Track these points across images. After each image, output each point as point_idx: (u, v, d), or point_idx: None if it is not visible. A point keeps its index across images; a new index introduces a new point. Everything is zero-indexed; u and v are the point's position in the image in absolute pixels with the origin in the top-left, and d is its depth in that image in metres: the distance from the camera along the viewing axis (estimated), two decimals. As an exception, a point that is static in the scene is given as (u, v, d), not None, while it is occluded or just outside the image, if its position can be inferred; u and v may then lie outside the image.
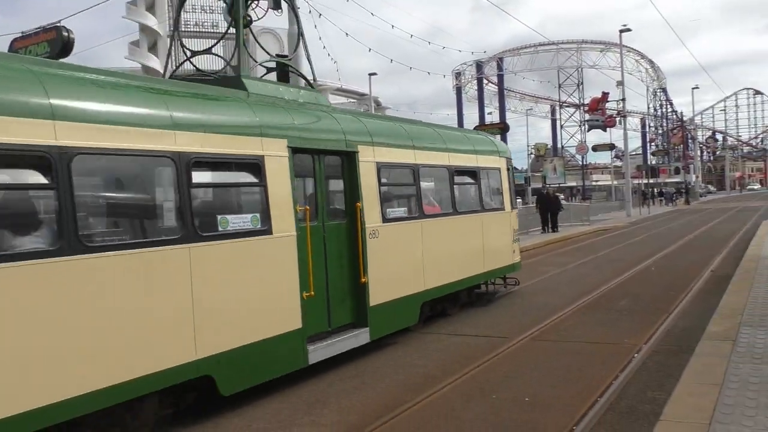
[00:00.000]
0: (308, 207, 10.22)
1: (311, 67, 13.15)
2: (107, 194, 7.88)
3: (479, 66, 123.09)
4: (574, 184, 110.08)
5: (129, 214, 7.98)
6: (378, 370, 10.52)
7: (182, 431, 8.18)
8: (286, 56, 13.21)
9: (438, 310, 14.42)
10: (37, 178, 6.75)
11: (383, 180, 12.02)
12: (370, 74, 68.23)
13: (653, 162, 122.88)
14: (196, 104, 8.67)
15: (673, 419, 6.87)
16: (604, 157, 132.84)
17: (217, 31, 52.14)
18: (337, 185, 11.25)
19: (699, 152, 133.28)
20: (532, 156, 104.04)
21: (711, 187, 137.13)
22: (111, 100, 7.50)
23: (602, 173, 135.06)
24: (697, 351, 9.17)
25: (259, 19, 12.44)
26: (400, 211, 12.59)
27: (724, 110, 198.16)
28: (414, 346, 12.09)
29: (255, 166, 9.24)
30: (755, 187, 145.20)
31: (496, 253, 16.10)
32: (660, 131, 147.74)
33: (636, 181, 77.01)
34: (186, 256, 7.96)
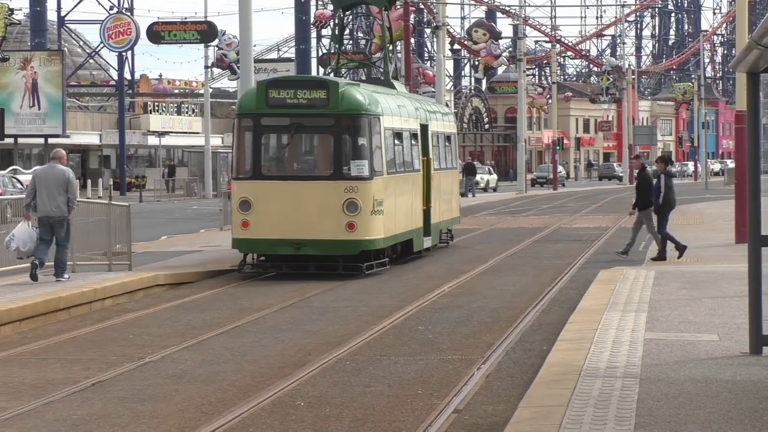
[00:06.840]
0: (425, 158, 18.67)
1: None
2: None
3: None
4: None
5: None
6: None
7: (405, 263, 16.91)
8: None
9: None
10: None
11: (434, 142, 20.33)
12: None
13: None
14: (392, 97, 17.11)
15: None
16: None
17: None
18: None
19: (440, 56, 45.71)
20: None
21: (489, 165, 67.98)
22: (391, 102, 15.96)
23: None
24: None
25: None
26: (438, 164, 20.88)
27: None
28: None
29: (416, 135, 17.79)
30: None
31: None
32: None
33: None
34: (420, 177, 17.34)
